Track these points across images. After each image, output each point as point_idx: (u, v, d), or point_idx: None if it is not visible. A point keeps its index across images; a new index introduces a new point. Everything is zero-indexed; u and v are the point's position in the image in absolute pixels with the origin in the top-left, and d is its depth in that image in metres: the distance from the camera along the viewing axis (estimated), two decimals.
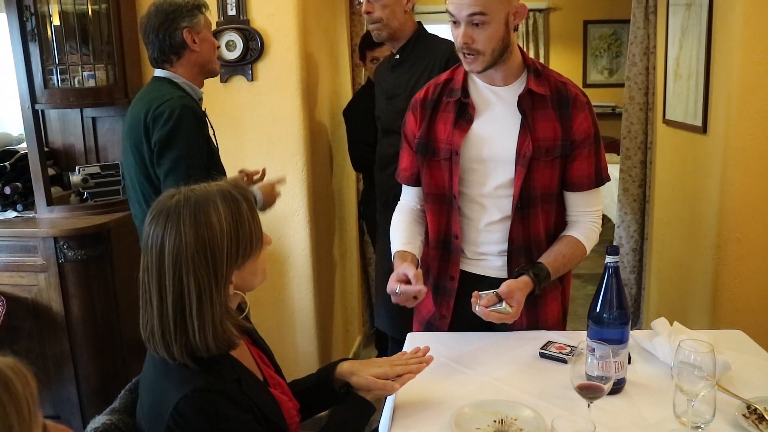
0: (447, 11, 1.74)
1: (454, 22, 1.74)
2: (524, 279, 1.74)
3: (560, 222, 1.91)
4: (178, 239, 1.22)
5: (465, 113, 1.83)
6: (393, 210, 2.06)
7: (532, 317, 1.90)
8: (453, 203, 1.86)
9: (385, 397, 1.54)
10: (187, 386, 1.22)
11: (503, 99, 1.82)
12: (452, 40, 2.65)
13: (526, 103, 1.79)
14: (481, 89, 1.86)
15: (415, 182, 1.97)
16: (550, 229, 1.88)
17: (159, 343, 1.26)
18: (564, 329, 2.01)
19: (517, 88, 1.82)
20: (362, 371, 1.50)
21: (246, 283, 1.34)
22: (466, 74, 1.87)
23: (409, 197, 2.02)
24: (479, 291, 1.70)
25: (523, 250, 1.85)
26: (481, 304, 1.67)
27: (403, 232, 1.94)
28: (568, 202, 1.89)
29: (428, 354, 1.57)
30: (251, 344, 1.49)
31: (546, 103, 1.80)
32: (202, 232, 1.23)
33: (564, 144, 1.80)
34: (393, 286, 1.72)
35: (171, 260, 1.23)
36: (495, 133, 1.82)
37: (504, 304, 1.67)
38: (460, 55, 1.78)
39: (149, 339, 1.28)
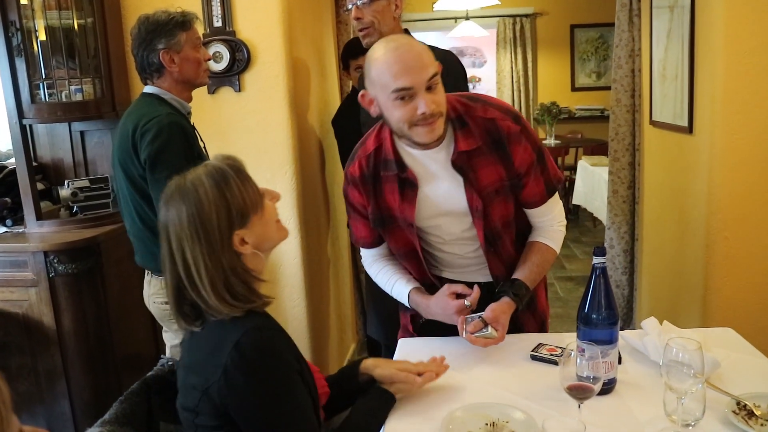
0: (395, 90, 1.59)
1: (405, 97, 1.60)
2: (507, 301, 1.77)
3: (524, 230, 1.92)
4: (174, 221, 1.34)
5: (407, 184, 1.78)
6: None
7: (538, 317, 1.99)
8: (422, 258, 1.89)
9: None
10: (247, 325, 1.32)
11: (439, 161, 1.75)
12: (443, 48, 2.68)
13: (461, 162, 1.73)
14: (415, 156, 1.76)
15: (377, 243, 1.95)
16: (519, 244, 1.91)
17: (189, 313, 1.37)
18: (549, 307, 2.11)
19: (447, 146, 1.73)
20: (385, 365, 1.59)
21: (263, 239, 1.41)
22: (393, 141, 1.77)
23: (376, 251, 1.98)
24: (465, 316, 1.75)
25: (502, 272, 1.89)
26: (467, 330, 1.72)
27: (398, 273, 1.93)
28: (528, 214, 1.89)
29: (443, 363, 1.64)
30: None
31: (481, 152, 1.73)
32: (190, 209, 1.33)
33: (511, 181, 1.78)
34: (460, 306, 1.76)
35: (174, 239, 1.35)
36: (443, 195, 1.79)
37: (490, 328, 1.72)
38: (416, 130, 1.64)
39: (179, 316, 1.39)
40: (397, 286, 1.91)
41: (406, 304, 1.91)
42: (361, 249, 2.02)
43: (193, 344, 1.40)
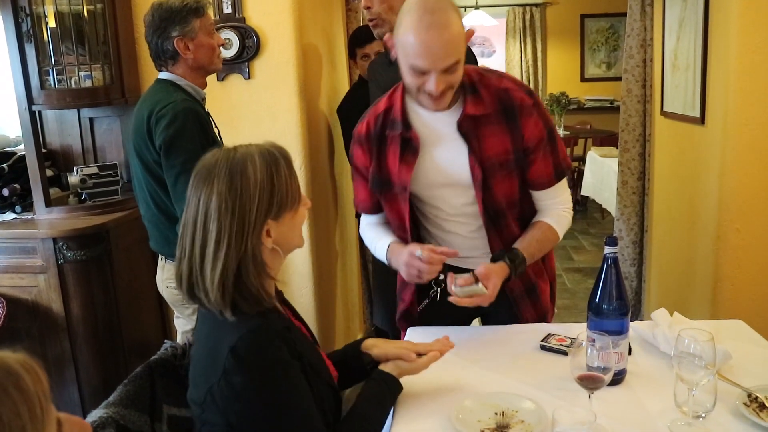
0: (411, 66, 1.60)
1: (418, 73, 1.61)
2: (501, 264, 1.74)
3: (530, 217, 1.90)
4: (212, 190, 1.29)
5: (409, 146, 1.77)
6: None
7: (539, 309, 1.95)
8: (410, 232, 1.86)
9: None
10: (243, 328, 1.27)
11: (447, 123, 1.74)
12: None
13: (467, 126, 1.72)
14: (423, 117, 1.76)
15: (376, 210, 1.94)
16: (522, 227, 1.88)
17: (192, 290, 1.32)
18: (553, 299, 2.05)
19: (456, 110, 1.73)
20: (383, 344, 1.59)
21: (285, 239, 1.37)
22: (403, 101, 1.78)
23: (372, 220, 1.98)
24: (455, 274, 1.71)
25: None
26: (458, 283, 1.67)
27: (386, 233, 1.92)
28: (535, 197, 1.87)
29: (447, 341, 1.60)
30: (292, 317, 1.53)
31: (490, 119, 1.72)
32: (235, 182, 1.28)
33: (517, 155, 1.76)
34: (414, 261, 1.68)
35: (203, 209, 1.30)
36: (445, 159, 1.77)
37: (480, 284, 1.67)
38: (424, 98, 1.66)
39: (182, 288, 1.36)
40: (380, 243, 1.89)
41: (385, 260, 1.87)
42: (361, 215, 2.02)
43: (201, 334, 1.38)
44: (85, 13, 2.82)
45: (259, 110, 2.92)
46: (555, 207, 1.86)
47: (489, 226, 1.81)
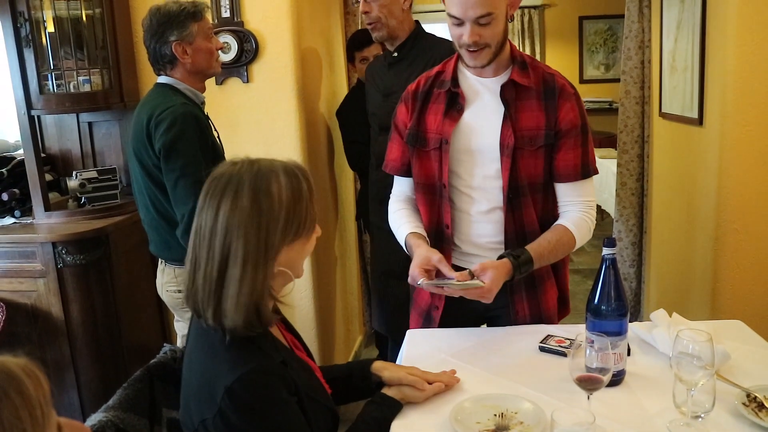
0: (448, 14, 1.75)
1: (455, 23, 1.75)
2: (503, 261, 1.75)
3: (554, 213, 1.91)
4: (234, 202, 1.24)
5: (456, 103, 1.86)
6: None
7: (534, 308, 1.93)
8: (443, 193, 1.89)
9: None
10: (242, 368, 1.22)
11: (491, 90, 1.85)
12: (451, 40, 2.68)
13: (509, 94, 1.82)
14: (470, 80, 1.88)
15: (403, 173, 2.00)
16: (543, 220, 1.88)
17: (199, 305, 1.28)
18: (564, 314, 2.05)
19: (503, 79, 1.84)
20: (394, 369, 1.56)
21: (293, 264, 1.34)
22: (456, 66, 1.90)
23: (401, 187, 2.03)
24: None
25: (516, 242, 1.85)
26: (456, 279, 1.69)
27: (410, 217, 1.96)
28: (558, 193, 1.89)
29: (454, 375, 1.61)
30: (285, 329, 1.52)
31: (531, 94, 1.82)
32: (259, 199, 1.24)
33: (548, 133, 1.81)
34: (417, 274, 1.72)
35: (224, 222, 1.24)
36: (481, 123, 1.84)
37: (476, 279, 1.68)
38: (463, 52, 1.80)
39: (190, 301, 1.30)
40: (401, 230, 1.93)
41: (403, 245, 1.92)
42: (393, 182, 2.05)
43: (195, 358, 1.34)
44: (84, 18, 2.82)
45: (258, 114, 2.93)
46: (576, 210, 1.87)
47: (508, 201, 1.83)
